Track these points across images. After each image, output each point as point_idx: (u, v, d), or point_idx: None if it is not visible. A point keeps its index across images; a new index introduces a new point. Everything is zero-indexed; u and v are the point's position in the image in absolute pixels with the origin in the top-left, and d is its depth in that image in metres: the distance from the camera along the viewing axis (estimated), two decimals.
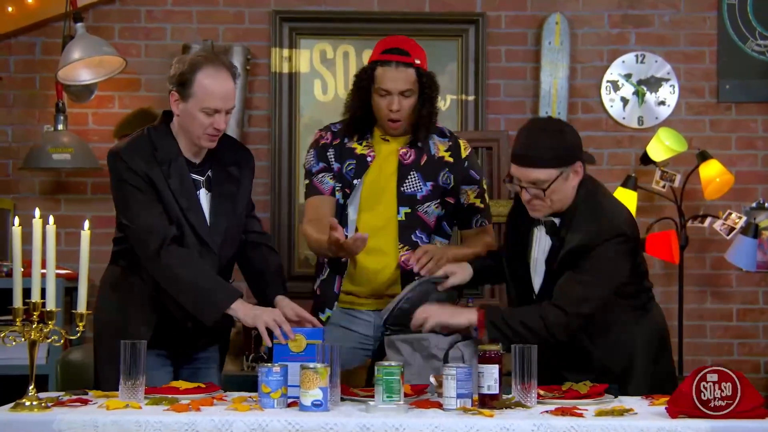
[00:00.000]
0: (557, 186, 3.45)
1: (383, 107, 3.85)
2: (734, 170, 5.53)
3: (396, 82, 3.82)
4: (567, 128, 3.53)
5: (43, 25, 5.66)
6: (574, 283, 3.45)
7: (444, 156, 3.97)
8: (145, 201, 3.49)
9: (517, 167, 3.47)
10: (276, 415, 2.92)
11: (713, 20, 5.70)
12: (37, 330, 3.08)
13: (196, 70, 3.51)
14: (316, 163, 3.93)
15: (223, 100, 3.52)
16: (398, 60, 3.83)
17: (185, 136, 3.57)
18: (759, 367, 5.59)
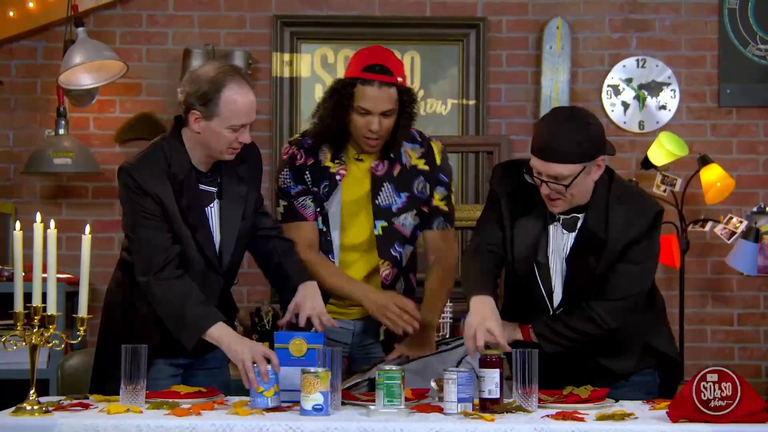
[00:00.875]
0: (579, 181, 3.33)
1: (362, 126, 3.67)
2: (735, 174, 5.53)
3: (378, 103, 3.64)
4: (592, 120, 3.39)
5: (44, 30, 5.66)
6: (623, 273, 3.42)
7: (418, 164, 3.84)
8: (149, 223, 3.42)
9: (540, 161, 3.32)
10: (277, 419, 2.92)
11: (714, 24, 5.70)
12: (38, 334, 3.08)
13: (221, 88, 3.38)
14: (294, 185, 3.78)
15: (248, 115, 3.43)
16: (381, 79, 3.64)
17: (202, 149, 3.48)
18: (760, 371, 5.59)
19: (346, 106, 3.67)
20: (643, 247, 3.43)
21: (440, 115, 5.66)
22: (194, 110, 3.42)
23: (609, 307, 3.43)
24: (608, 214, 3.41)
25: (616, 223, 3.41)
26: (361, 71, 3.66)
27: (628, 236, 3.41)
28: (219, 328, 3.34)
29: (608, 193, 3.44)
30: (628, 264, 3.42)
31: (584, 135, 3.32)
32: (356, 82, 3.66)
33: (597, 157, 3.35)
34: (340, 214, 3.78)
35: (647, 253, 3.46)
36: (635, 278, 3.46)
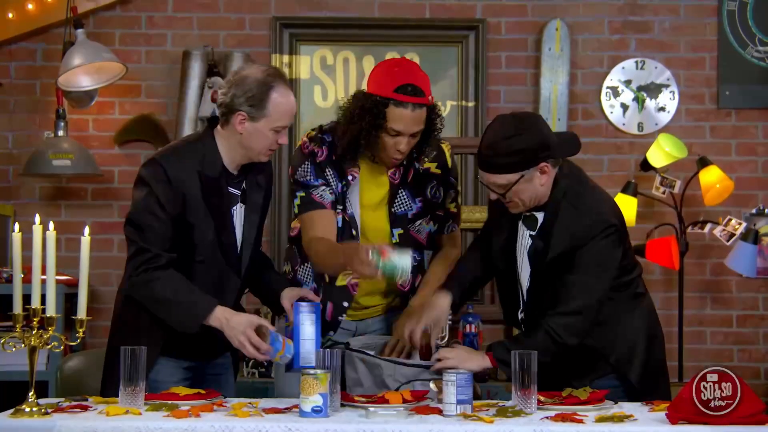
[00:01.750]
0: (520, 187, 3.38)
1: (390, 146, 3.61)
2: (734, 176, 5.53)
3: (410, 125, 3.58)
4: (533, 127, 3.38)
5: (43, 32, 5.67)
6: (572, 285, 3.41)
7: (430, 168, 3.82)
8: (160, 220, 3.44)
9: (480, 169, 3.44)
10: (276, 421, 2.92)
11: (713, 26, 5.70)
12: (37, 336, 3.08)
13: (270, 90, 3.44)
14: (315, 179, 3.73)
15: (292, 117, 3.52)
16: (415, 102, 3.56)
17: (240, 150, 3.51)
18: (759, 373, 5.60)
19: (378, 126, 3.59)
20: (583, 255, 3.40)
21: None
22: (241, 111, 3.45)
23: (561, 322, 3.40)
24: (557, 216, 3.44)
25: (559, 227, 3.43)
26: (394, 92, 3.57)
27: (566, 243, 3.40)
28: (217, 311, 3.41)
29: (564, 195, 3.45)
30: (571, 275, 3.41)
31: (519, 144, 3.34)
32: (389, 102, 3.58)
33: (537, 164, 3.37)
34: (360, 217, 3.76)
35: (588, 265, 3.40)
36: (578, 291, 3.41)
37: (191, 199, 3.46)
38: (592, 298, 3.43)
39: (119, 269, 5.49)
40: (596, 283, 3.44)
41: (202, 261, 3.51)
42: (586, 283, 3.42)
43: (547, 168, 3.39)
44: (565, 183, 3.47)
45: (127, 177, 5.66)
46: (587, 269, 3.41)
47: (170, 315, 3.45)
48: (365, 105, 3.62)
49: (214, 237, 3.51)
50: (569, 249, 3.41)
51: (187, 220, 3.47)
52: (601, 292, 3.45)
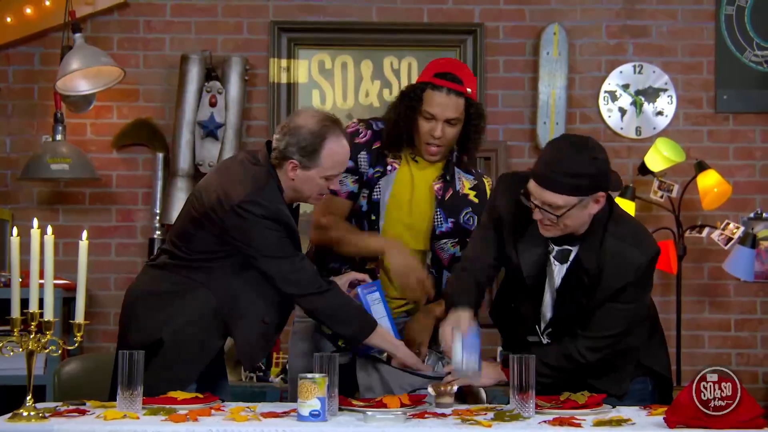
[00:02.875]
0: (572, 213, 3.25)
1: (425, 131, 3.69)
2: (732, 180, 5.54)
3: (444, 109, 3.66)
4: (598, 154, 3.28)
5: (41, 36, 5.67)
6: (612, 312, 3.37)
7: (469, 194, 3.84)
8: (297, 251, 3.51)
9: (536, 186, 3.26)
10: (274, 425, 2.92)
11: (711, 31, 5.71)
12: (35, 340, 3.08)
13: (323, 140, 3.46)
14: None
15: (344, 165, 3.56)
16: (450, 87, 3.66)
17: (289, 192, 3.54)
18: (757, 377, 5.60)
19: (414, 109, 3.70)
20: (636, 289, 3.37)
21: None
22: (293, 160, 3.47)
23: (589, 344, 3.40)
24: (602, 252, 3.34)
25: (612, 263, 3.34)
26: (433, 76, 3.70)
27: (622, 279, 3.34)
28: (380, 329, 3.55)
29: (605, 230, 3.36)
30: (617, 303, 3.37)
31: (586, 168, 3.23)
32: (426, 87, 3.70)
33: (596, 192, 3.27)
34: (386, 208, 3.78)
35: (638, 295, 3.40)
36: (621, 318, 3.39)
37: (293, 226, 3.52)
38: (630, 323, 3.42)
39: (117, 273, 5.56)
40: (638, 310, 3.44)
41: None
42: (629, 311, 3.39)
43: (602, 199, 3.29)
44: (601, 216, 3.35)
45: (124, 181, 5.66)
46: (633, 300, 3.39)
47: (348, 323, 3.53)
48: (405, 91, 3.77)
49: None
50: (624, 285, 3.35)
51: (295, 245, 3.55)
52: (635, 321, 3.44)
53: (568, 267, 3.40)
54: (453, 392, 3.33)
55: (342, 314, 3.52)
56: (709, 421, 2.87)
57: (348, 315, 3.52)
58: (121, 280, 5.56)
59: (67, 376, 3.94)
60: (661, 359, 3.59)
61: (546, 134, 5.60)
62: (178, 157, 5.52)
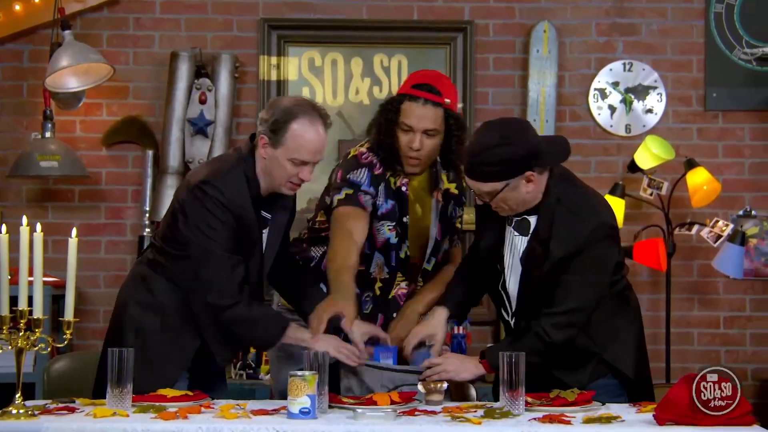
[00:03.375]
0: (506, 195, 3.36)
1: (404, 143, 3.66)
2: (721, 178, 5.55)
3: (421, 120, 3.62)
4: (515, 138, 3.35)
5: (30, 33, 5.65)
6: (567, 286, 3.40)
7: (450, 188, 3.85)
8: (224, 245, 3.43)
9: (466, 176, 3.41)
10: (264, 422, 2.92)
11: (700, 29, 5.72)
12: (24, 338, 3.07)
13: (291, 119, 3.42)
14: (368, 185, 3.69)
15: (312, 154, 3.45)
16: (427, 97, 3.62)
17: (266, 177, 3.50)
18: (746, 374, 5.60)
19: (392, 122, 3.65)
20: (583, 258, 3.39)
21: None
22: (263, 135, 3.45)
23: (551, 321, 3.41)
24: (554, 221, 3.41)
25: (559, 232, 3.40)
26: (410, 88, 3.65)
27: (568, 247, 3.38)
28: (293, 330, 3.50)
29: (558, 200, 3.42)
30: (568, 275, 3.40)
31: (504, 154, 3.31)
32: (404, 98, 3.65)
33: (522, 173, 3.34)
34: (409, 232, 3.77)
35: (587, 266, 3.40)
36: (574, 291, 3.41)
37: (247, 219, 3.48)
38: (587, 297, 3.43)
39: (106, 271, 5.55)
40: (594, 284, 3.44)
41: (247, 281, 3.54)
42: (583, 283, 3.41)
43: (533, 177, 3.37)
44: (558, 187, 3.44)
45: (114, 179, 5.65)
46: (585, 270, 3.40)
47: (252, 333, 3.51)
48: (384, 104, 3.72)
49: (257, 257, 3.56)
50: (571, 254, 3.39)
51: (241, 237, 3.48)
52: (598, 293, 3.46)
53: (528, 239, 3.46)
54: (443, 390, 3.33)
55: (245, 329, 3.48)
56: (698, 419, 2.88)
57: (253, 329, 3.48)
58: (110, 278, 5.55)
59: (57, 374, 3.94)
60: (628, 360, 3.56)
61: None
62: (168, 155, 5.51)
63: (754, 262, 5.64)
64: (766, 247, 5.65)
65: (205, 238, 3.43)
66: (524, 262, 3.47)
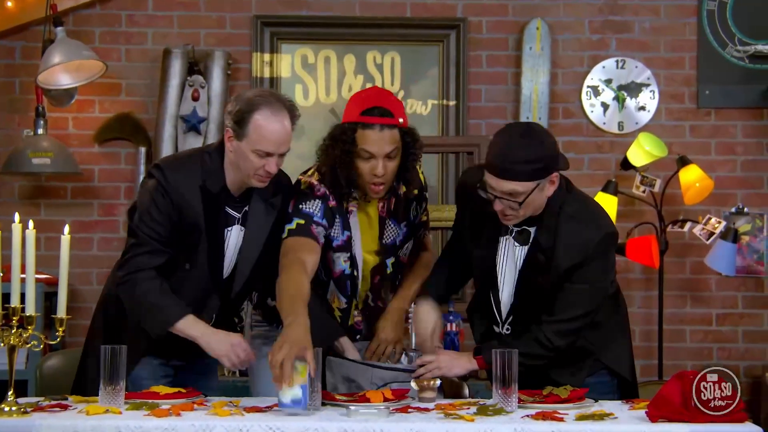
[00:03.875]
0: (532, 197, 3.33)
1: (366, 171, 3.56)
2: (714, 175, 5.56)
3: (381, 146, 3.53)
4: (546, 137, 3.38)
5: (23, 29, 5.64)
6: (572, 294, 3.40)
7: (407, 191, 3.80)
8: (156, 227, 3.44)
9: (493, 177, 3.32)
10: (257, 420, 2.92)
11: (693, 26, 5.73)
12: (17, 335, 3.07)
13: (254, 110, 3.40)
14: (321, 217, 3.61)
15: (276, 145, 3.41)
16: (382, 123, 3.53)
17: (234, 170, 3.49)
18: (738, 371, 5.61)
19: (350, 152, 3.56)
20: (590, 268, 3.40)
21: (420, 116, 5.67)
22: (228, 128, 3.45)
23: (554, 328, 3.41)
24: (558, 231, 3.40)
25: (565, 242, 3.39)
26: (360, 115, 3.56)
27: (575, 257, 3.38)
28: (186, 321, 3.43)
29: (560, 209, 3.42)
30: (574, 284, 3.40)
31: (538, 152, 3.30)
32: (356, 126, 3.56)
33: (551, 173, 3.35)
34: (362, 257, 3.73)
35: (594, 275, 3.41)
36: (581, 299, 3.42)
37: (189, 210, 3.46)
38: (591, 304, 3.44)
39: (99, 268, 5.54)
40: (598, 291, 3.45)
41: (188, 270, 3.51)
42: (587, 292, 3.41)
43: (555, 178, 3.38)
44: (561, 196, 3.43)
45: (107, 176, 5.64)
46: (590, 279, 3.41)
47: (143, 317, 3.47)
48: (335, 134, 3.59)
49: (206, 252, 3.50)
50: (577, 264, 3.38)
51: (183, 228, 3.46)
52: (601, 299, 3.47)
53: (528, 249, 3.45)
54: (436, 387, 3.33)
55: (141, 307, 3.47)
56: (690, 416, 2.88)
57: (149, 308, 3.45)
58: (103, 275, 5.52)
59: (49, 371, 3.93)
60: (624, 361, 3.59)
61: None
62: (161, 152, 5.51)
63: (746, 260, 5.65)
64: (758, 245, 5.66)
65: (137, 220, 3.47)
66: (523, 272, 3.46)
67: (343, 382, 3.50)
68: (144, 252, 3.46)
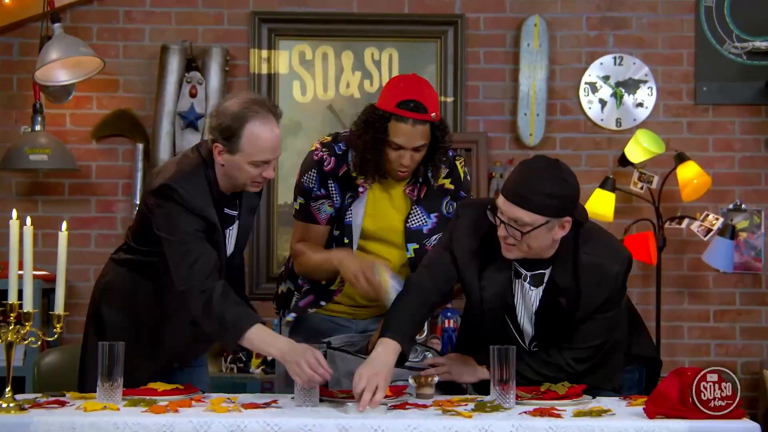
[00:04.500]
0: (538, 233, 3.25)
1: (394, 159, 3.60)
2: (711, 172, 5.56)
3: (410, 140, 3.56)
4: (570, 177, 3.29)
5: (20, 26, 5.63)
6: (597, 326, 3.40)
7: (444, 183, 3.80)
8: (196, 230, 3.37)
9: (506, 201, 3.26)
10: (254, 416, 2.92)
11: (691, 23, 5.73)
12: (14, 332, 3.06)
13: (243, 124, 3.31)
14: (318, 188, 3.67)
15: (272, 152, 3.36)
16: (415, 117, 3.55)
17: (225, 179, 3.44)
18: (735, 367, 5.62)
19: (381, 140, 3.59)
20: (615, 299, 3.41)
21: None
22: (217, 144, 3.37)
23: (575, 356, 3.42)
24: (578, 271, 3.35)
25: (588, 281, 3.35)
26: (396, 106, 3.56)
27: (602, 293, 3.36)
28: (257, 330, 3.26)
29: (576, 248, 3.37)
30: (597, 314, 3.39)
31: (557, 190, 3.24)
32: (390, 117, 3.57)
33: (563, 216, 3.28)
34: (363, 228, 3.73)
35: (616, 302, 3.42)
36: (603, 327, 3.42)
37: (209, 221, 3.41)
38: (611, 330, 3.45)
39: (97, 264, 5.49)
40: (618, 313, 3.46)
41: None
42: (608, 319, 3.41)
43: (567, 225, 3.30)
44: (569, 236, 3.35)
45: (104, 172, 5.64)
46: (612, 309, 3.41)
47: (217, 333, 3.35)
48: (369, 119, 3.61)
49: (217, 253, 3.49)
50: (606, 299, 3.38)
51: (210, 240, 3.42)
52: (618, 325, 3.48)
53: (544, 289, 3.40)
54: (434, 383, 3.33)
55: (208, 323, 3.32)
56: (688, 412, 2.89)
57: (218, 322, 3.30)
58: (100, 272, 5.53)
59: (47, 368, 3.93)
60: (647, 343, 3.64)
61: (526, 126, 5.60)
62: (158, 148, 5.50)
63: (743, 256, 5.65)
64: (755, 241, 5.66)
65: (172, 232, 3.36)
66: (541, 312, 3.42)
67: (346, 376, 3.50)
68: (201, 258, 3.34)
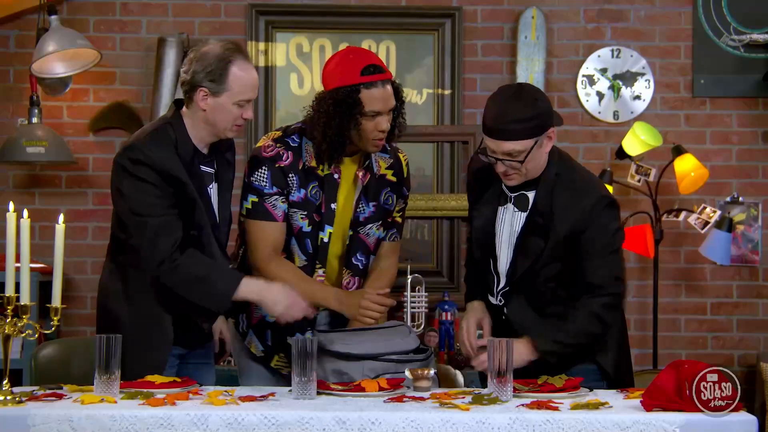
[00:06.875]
0: (533, 155, 3.42)
1: (371, 129, 3.60)
2: (709, 165, 5.56)
3: (386, 101, 3.61)
4: (539, 94, 3.49)
5: (17, 18, 5.62)
6: (597, 267, 3.45)
7: (386, 174, 3.80)
8: (155, 207, 3.42)
9: (492, 140, 3.42)
10: (252, 409, 2.92)
11: (688, 15, 5.72)
12: (11, 324, 3.06)
13: (229, 64, 3.47)
14: (270, 186, 3.66)
15: (253, 90, 3.52)
16: (381, 78, 3.61)
17: (206, 128, 3.52)
18: (733, 360, 5.63)
19: (355, 115, 3.59)
20: (595, 236, 3.45)
21: (416, 105, 5.66)
22: (202, 87, 3.48)
23: (602, 302, 3.46)
24: (554, 196, 3.48)
25: (560, 208, 3.47)
26: (361, 75, 3.60)
27: (574, 224, 3.45)
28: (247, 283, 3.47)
29: (557, 175, 3.50)
30: (596, 258, 3.45)
31: (533, 110, 3.41)
32: (359, 87, 3.59)
33: (547, 129, 3.44)
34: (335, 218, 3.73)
35: (603, 241, 3.47)
36: (610, 270, 3.47)
37: (175, 178, 3.44)
38: (621, 274, 3.52)
39: (94, 257, 5.53)
40: (618, 258, 3.52)
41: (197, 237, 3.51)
42: (613, 261, 3.49)
43: (552, 134, 3.47)
44: (558, 163, 3.53)
45: (101, 164, 5.63)
46: (603, 247, 3.47)
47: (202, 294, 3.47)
48: (337, 98, 3.60)
49: (203, 214, 3.51)
50: (578, 231, 3.44)
51: (177, 197, 3.46)
52: (624, 267, 3.56)
53: (527, 215, 3.52)
54: (431, 376, 3.34)
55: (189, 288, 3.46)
56: (685, 404, 2.89)
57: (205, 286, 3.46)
58: (98, 264, 5.51)
59: (44, 360, 3.92)
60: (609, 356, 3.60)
61: None
62: None
63: (741, 249, 5.65)
64: (753, 234, 5.67)
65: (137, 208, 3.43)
66: (521, 240, 3.51)
67: (333, 374, 3.49)
68: (163, 233, 3.42)
